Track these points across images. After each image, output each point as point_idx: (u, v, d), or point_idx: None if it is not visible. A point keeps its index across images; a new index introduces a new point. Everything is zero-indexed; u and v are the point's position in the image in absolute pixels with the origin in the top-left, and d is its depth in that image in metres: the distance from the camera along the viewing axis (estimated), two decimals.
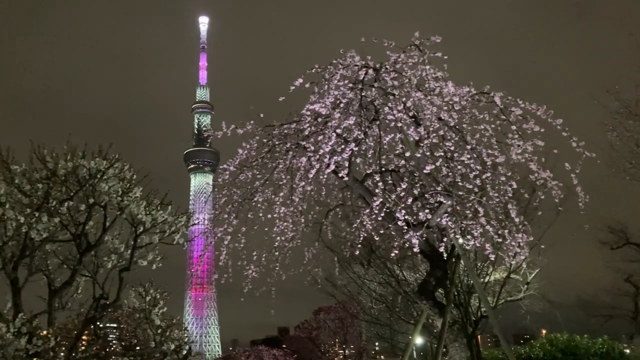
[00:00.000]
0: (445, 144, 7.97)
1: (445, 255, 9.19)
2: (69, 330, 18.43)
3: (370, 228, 8.21)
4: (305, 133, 8.36)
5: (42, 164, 13.73)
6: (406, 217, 7.99)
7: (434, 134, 7.92)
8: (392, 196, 8.14)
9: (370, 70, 8.05)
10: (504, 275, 20.17)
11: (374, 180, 8.51)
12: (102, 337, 22.68)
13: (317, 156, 8.03)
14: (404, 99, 7.93)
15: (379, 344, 47.02)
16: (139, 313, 21.02)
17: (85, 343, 18.26)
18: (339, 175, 8.50)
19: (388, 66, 8.02)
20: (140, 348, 21.52)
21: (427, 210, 8.27)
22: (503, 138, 7.93)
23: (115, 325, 27.20)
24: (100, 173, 14.11)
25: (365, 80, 8.01)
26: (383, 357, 61.43)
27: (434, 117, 7.81)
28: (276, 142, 8.67)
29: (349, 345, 40.48)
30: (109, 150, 14.49)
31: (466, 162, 7.93)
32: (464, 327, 17.46)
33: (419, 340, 27.03)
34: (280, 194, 8.68)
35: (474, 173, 7.91)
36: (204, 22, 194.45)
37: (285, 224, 8.76)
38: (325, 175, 8.21)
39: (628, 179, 16.62)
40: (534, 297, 21.69)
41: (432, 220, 8.33)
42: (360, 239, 8.57)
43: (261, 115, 8.60)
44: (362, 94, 7.94)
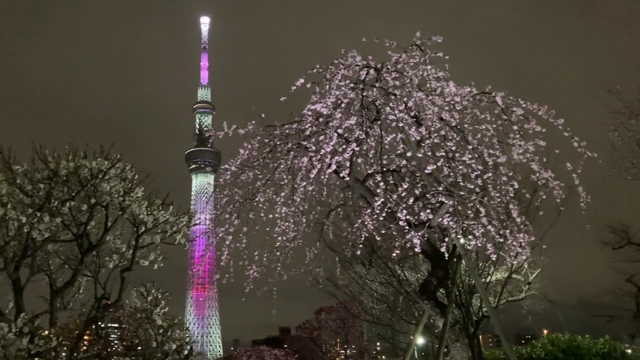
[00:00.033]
0: (447, 144, 7.97)
1: (446, 255, 9.16)
2: (70, 330, 18.42)
3: (371, 228, 8.22)
4: (306, 133, 8.36)
5: (44, 164, 13.74)
6: (407, 217, 7.98)
7: (435, 134, 7.92)
8: (394, 196, 8.15)
9: (371, 70, 8.05)
10: (506, 275, 20.14)
11: (375, 180, 8.50)
12: (104, 337, 22.71)
13: (319, 156, 8.03)
14: (406, 99, 7.93)
15: (380, 344, 47.08)
16: (140, 313, 21.01)
17: (87, 343, 18.31)
18: (340, 175, 8.50)
19: (389, 66, 8.02)
20: (141, 348, 21.51)
21: (429, 210, 8.26)
22: (504, 138, 7.94)
23: (116, 325, 27.28)
24: (102, 173, 14.12)
25: (367, 80, 8.01)
26: (384, 357, 61.29)
27: (435, 117, 7.82)
28: (277, 142, 8.67)
29: (350, 346, 40.49)
30: (110, 151, 14.53)
31: (467, 162, 7.94)
32: (465, 327, 17.43)
33: (421, 341, 27.05)
34: (282, 194, 8.68)
35: (476, 173, 7.91)
36: (205, 23, 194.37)
37: (286, 224, 8.77)
38: (326, 175, 8.22)
39: (630, 179, 16.62)
40: (535, 297, 21.64)
41: (434, 220, 8.32)
42: (362, 239, 8.57)
43: (262, 115, 8.61)
44: (364, 94, 7.95)
